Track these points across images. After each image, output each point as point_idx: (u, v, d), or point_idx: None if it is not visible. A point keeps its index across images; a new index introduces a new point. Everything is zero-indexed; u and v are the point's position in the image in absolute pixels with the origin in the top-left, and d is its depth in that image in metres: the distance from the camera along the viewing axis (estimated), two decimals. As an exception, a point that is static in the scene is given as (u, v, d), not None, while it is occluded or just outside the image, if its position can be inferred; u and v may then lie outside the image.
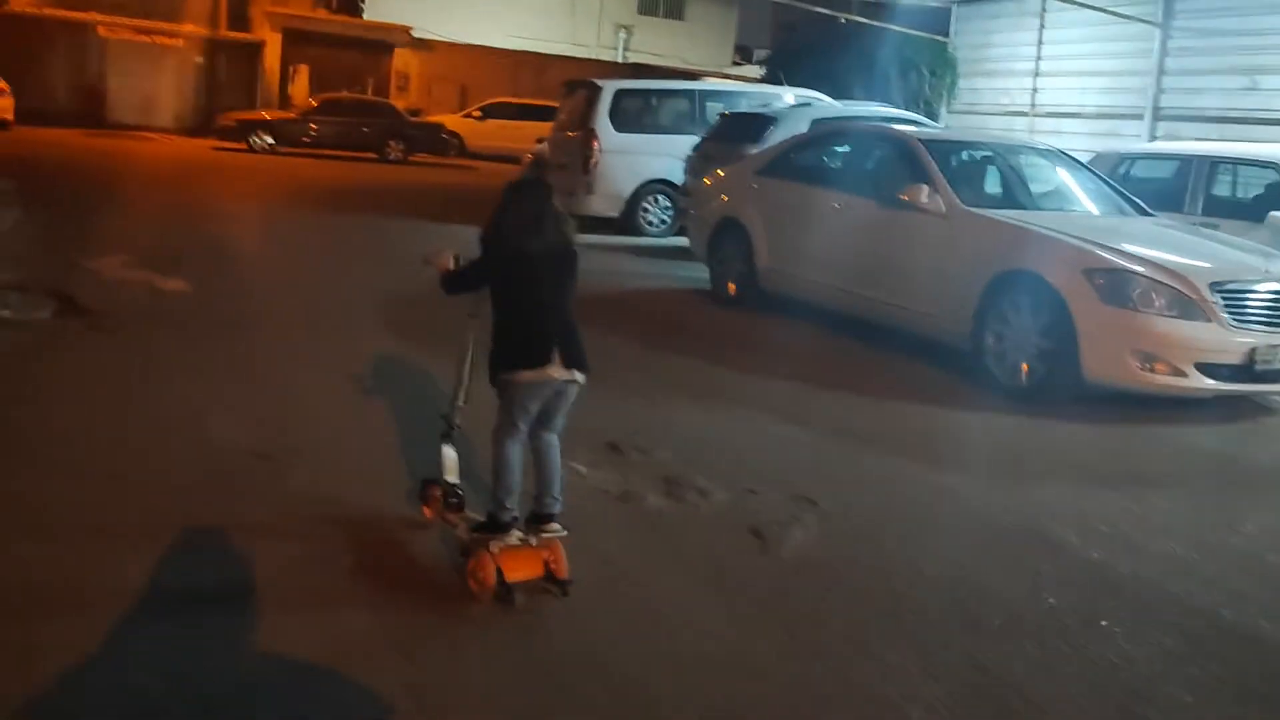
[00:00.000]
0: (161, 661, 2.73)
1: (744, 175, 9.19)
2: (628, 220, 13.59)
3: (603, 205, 13.62)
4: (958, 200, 6.94)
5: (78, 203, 12.22)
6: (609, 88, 13.89)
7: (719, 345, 7.40)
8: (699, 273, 9.96)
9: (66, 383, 5.25)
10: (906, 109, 15.06)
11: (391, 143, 23.62)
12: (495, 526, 3.30)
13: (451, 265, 3.54)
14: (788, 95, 14.32)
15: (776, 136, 11.35)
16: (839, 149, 8.70)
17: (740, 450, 4.91)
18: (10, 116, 22.36)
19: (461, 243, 3.89)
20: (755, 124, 11.97)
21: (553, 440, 3.42)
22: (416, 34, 30.08)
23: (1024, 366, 6.18)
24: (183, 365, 5.70)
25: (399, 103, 27.32)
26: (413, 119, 25.60)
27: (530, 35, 32.44)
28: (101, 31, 26.85)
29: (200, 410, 4.87)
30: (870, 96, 16.48)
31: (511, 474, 3.32)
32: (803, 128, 11.46)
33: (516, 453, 3.34)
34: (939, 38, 18.97)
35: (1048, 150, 8.27)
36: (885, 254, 7.33)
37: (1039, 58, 17.28)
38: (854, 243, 7.59)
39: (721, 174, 9.79)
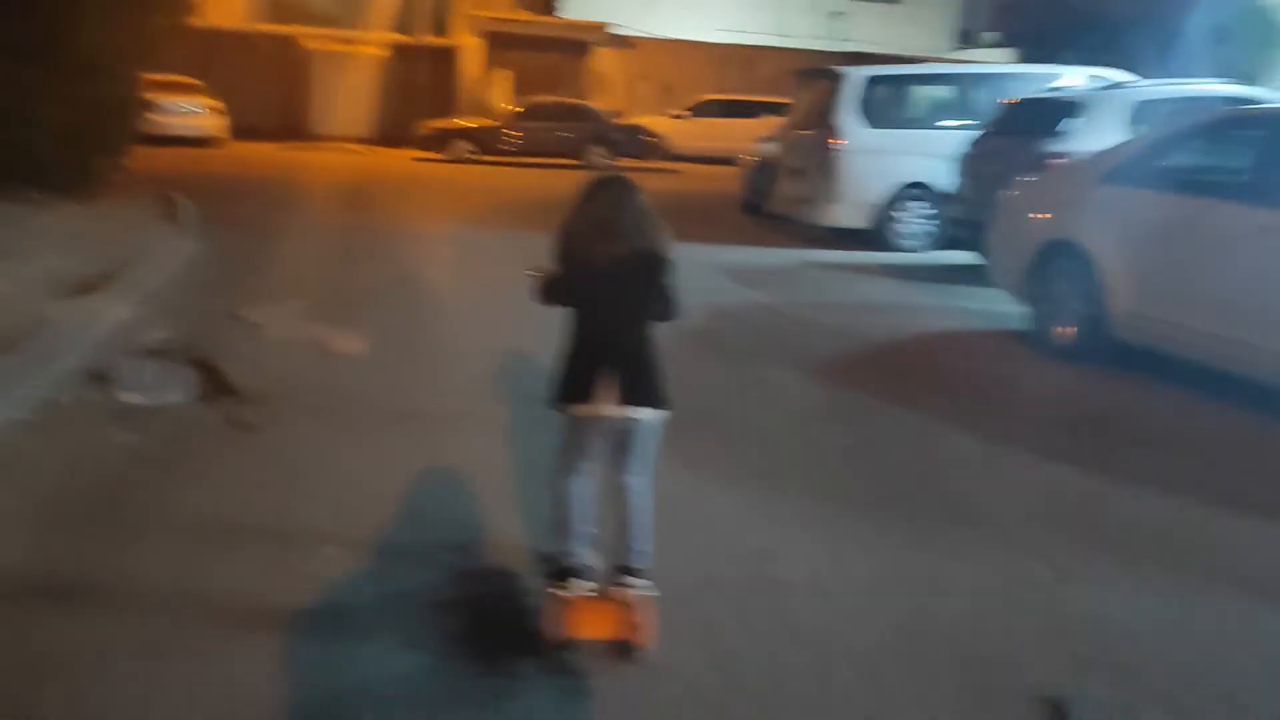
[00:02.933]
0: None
1: (1079, 182, 6.82)
2: (878, 233, 11.38)
3: (848, 216, 11.51)
4: None
5: (260, 228, 10.96)
6: (856, 76, 11.70)
7: (1088, 434, 5.08)
8: (993, 304, 7.71)
9: (173, 530, 3.55)
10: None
11: (594, 147, 22.15)
12: (556, 572, 2.94)
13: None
14: (1076, 76, 11.72)
15: (1082, 128, 9.00)
16: (1239, 145, 6.15)
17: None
18: (224, 135, 22.22)
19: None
20: (1051, 112, 9.53)
21: (633, 484, 2.94)
22: (616, 31, 28.55)
23: None
24: (335, 488, 3.95)
25: (599, 104, 25.83)
26: (615, 121, 24.04)
27: (735, 27, 30.51)
28: (304, 44, 26.57)
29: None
30: (1166, 72, 13.57)
31: (569, 515, 2.96)
32: (1117, 115, 9.05)
33: (576, 490, 2.96)
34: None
35: None
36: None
37: None
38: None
39: (1037, 180, 7.45)
